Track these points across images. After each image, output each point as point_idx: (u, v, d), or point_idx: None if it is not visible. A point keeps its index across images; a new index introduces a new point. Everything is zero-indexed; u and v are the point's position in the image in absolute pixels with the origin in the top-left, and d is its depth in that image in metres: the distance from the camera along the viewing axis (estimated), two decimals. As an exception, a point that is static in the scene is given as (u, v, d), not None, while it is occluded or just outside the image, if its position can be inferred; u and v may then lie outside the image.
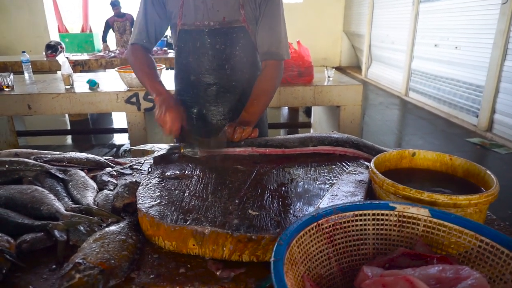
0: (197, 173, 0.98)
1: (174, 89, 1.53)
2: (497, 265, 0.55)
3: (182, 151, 1.11)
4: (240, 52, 1.37)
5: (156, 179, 0.94)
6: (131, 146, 2.90)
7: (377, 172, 0.79)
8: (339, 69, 9.96)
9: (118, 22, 6.81)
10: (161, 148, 1.13)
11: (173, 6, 1.35)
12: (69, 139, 4.83)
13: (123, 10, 6.89)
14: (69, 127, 5.29)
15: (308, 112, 4.25)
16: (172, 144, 1.18)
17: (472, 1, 4.78)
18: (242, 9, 1.32)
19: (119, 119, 5.42)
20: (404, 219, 0.65)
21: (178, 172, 0.98)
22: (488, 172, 0.80)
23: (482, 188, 0.80)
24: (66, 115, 5.38)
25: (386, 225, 0.66)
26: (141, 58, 1.36)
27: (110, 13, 6.88)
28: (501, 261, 0.55)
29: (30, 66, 3.53)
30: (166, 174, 0.97)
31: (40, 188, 0.90)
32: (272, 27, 1.35)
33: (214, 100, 1.43)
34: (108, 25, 6.90)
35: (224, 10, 1.32)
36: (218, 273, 0.68)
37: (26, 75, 3.47)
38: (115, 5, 6.75)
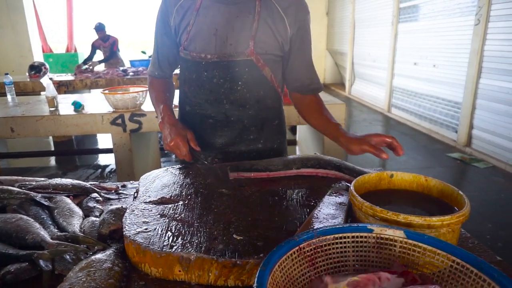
0: (183, 197, 1.00)
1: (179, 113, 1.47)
2: (467, 284, 0.59)
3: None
4: (243, 87, 1.26)
5: (142, 204, 0.95)
6: (116, 167, 2.87)
7: (356, 195, 0.82)
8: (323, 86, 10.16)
9: (103, 46, 6.90)
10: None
11: (181, 33, 1.27)
12: (53, 160, 4.75)
13: (108, 32, 6.95)
14: (53, 148, 5.22)
15: (293, 129, 4.32)
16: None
17: (447, 22, 5.01)
18: (252, 40, 1.19)
19: (104, 139, 5.38)
20: (382, 241, 0.68)
21: (164, 197, 1.00)
22: (460, 192, 0.84)
23: (456, 208, 0.85)
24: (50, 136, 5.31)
25: (365, 247, 0.69)
26: (156, 85, 1.40)
27: (94, 35, 6.93)
28: (471, 280, 0.58)
29: (13, 88, 3.51)
30: (152, 199, 0.98)
31: (25, 217, 0.90)
32: (309, 62, 1.32)
33: (211, 133, 1.34)
34: (94, 48, 6.95)
35: (237, 44, 1.21)
36: (204, 299, 0.70)
37: (9, 97, 3.44)
38: (100, 29, 6.76)
